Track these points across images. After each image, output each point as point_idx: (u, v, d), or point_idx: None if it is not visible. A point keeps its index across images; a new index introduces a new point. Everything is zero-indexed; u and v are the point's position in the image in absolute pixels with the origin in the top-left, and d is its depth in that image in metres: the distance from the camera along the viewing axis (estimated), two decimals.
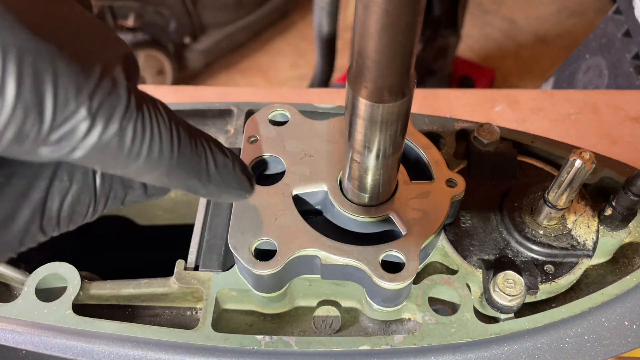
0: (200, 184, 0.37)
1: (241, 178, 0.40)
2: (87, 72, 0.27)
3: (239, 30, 2.56)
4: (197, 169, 0.35)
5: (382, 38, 0.33)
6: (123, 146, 0.29)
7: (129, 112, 0.29)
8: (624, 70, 1.30)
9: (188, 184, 0.36)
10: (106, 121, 0.28)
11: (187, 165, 0.34)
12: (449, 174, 0.54)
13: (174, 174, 0.34)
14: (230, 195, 0.41)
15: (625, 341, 0.55)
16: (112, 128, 0.28)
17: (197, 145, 0.35)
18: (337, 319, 0.56)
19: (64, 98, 0.26)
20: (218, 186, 0.38)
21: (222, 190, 0.39)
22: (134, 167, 0.31)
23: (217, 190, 0.39)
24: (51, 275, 0.56)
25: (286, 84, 2.64)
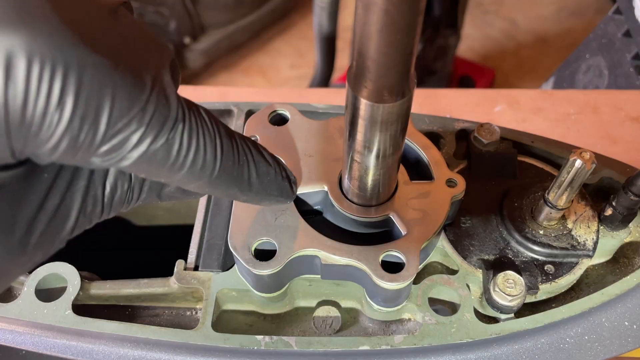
0: (241, 193, 0.37)
1: (282, 185, 0.41)
2: (140, 85, 0.28)
3: (239, 30, 2.56)
4: (239, 178, 0.36)
5: (382, 38, 0.32)
6: (169, 157, 0.30)
7: (177, 123, 0.30)
8: (624, 70, 1.30)
9: (228, 192, 0.36)
10: (156, 132, 0.29)
11: (228, 175, 0.35)
12: (449, 174, 0.54)
13: (216, 184, 0.34)
14: (271, 201, 0.41)
15: (625, 341, 0.55)
16: (161, 139, 0.29)
17: (239, 154, 0.35)
18: (337, 319, 0.56)
19: (118, 112, 0.27)
20: (258, 194, 0.38)
21: (262, 197, 0.39)
22: (177, 177, 0.32)
23: (257, 197, 0.39)
24: (51, 275, 0.56)
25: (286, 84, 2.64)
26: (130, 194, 0.36)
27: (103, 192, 0.34)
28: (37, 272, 0.56)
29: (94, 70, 0.26)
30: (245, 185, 0.37)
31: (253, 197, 0.38)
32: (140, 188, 0.36)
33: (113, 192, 0.34)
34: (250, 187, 0.37)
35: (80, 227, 0.33)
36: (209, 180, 0.33)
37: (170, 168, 0.31)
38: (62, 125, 0.25)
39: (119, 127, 0.27)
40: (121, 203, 0.35)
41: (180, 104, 0.30)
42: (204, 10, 2.42)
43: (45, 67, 0.24)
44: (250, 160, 0.37)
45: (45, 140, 0.26)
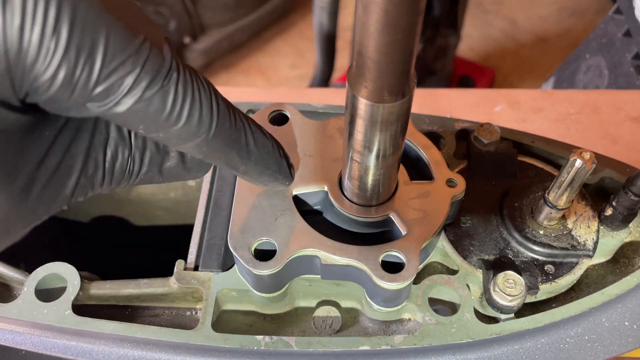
0: (239, 159, 0.37)
1: (280, 162, 0.41)
2: (133, 31, 0.29)
3: (239, 30, 2.56)
4: (237, 142, 0.36)
5: (382, 38, 0.32)
6: (164, 106, 0.30)
7: (172, 72, 0.30)
8: (624, 70, 1.30)
9: (227, 157, 0.36)
10: (151, 77, 0.29)
11: (226, 136, 0.35)
12: (449, 174, 0.54)
13: (213, 144, 0.35)
14: (270, 178, 0.41)
15: (625, 341, 0.55)
16: (155, 85, 0.29)
17: (236, 119, 0.36)
18: (337, 319, 0.56)
19: (112, 50, 0.28)
20: (257, 164, 0.39)
21: (261, 170, 0.40)
22: (174, 131, 0.32)
23: (256, 169, 0.39)
24: (51, 275, 0.56)
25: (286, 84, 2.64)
26: (131, 164, 0.36)
27: (104, 158, 0.34)
28: (37, 272, 0.56)
29: (88, 5, 0.27)
30: (244, 152, 0.37)
31: (252, 167, 0.39)
32: (140, 158, 0.37)
33: (114, 159, 0.35)
34: (249, 154, 0.38)
35: (82, 190, 0.34)
36: (206, 139, 0.34)
37: (167, 120, 0.31)
38: (59, 55, 0.26)
39: (113, 65, 0.28)
40: (122, 172, 0.36)
41: (175, 59, 0.31)
42: (204, 10, 2.42)
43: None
44: (247, 128, 0.37)
45: (42, 70, 0.26)
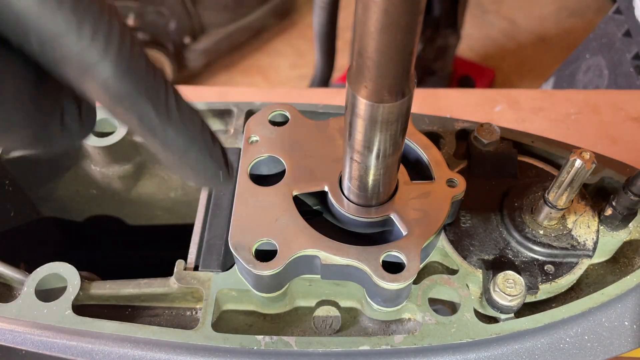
0: (157, 117, 0.31)
1: (212, 144, 0.35)
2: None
3: (239, 30, 2.56)
4: (153, 93, 0.31)
5: (382, 38, 0.32)
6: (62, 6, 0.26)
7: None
8: (624, 70, 1.30)
9: (142, 108, 0.31)
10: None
11: (140, 79, 0.30)
12: (450, 174, 0.54)
13: (124, 83, 0.29)
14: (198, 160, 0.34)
15: (625, 341, 0.55)
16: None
17: (155, 72, 0.31)
18: (337, 319, 0.56)
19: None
20: (180, 133, 0.32)
21: (187, 145, 0.33)
22: (75, 50, 0.27)
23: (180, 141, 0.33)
24: (51, 275, 0.56)
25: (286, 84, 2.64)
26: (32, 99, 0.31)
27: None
28: (38, 272, 0.56)
29: None
30: (163, 109, 0.31)
31: (174, 135, 0.32)
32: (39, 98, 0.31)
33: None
34: (169, 113, 0.32)
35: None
36: (114, 72, 0.29)
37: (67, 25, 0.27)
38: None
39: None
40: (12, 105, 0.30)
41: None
42: (204, 10, 2.42)
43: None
44: (169, 88, 0.32)
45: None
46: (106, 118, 0.68)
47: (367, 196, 0.50)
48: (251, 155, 0.56)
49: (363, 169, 0.46)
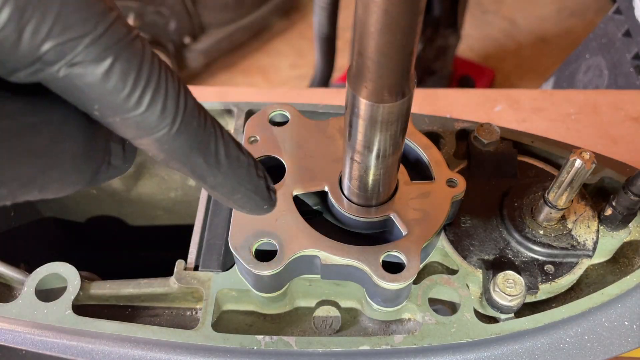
0: (207, 168, 0.34)
1: (257, 181, 0.37)
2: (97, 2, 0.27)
3: (239, 30, 2.56)
4: (204, 146, 0.33)
5: (382, 38, 0.32)
6: (125, 84, 0.28)
7: (136, 46, 0.28)
8: (624, 70, 1.30)
9: (192, 162, 0.33)
10: (110, 42, 0.27)
11: (191, 136, 0.32)
12: (450, 174, 0.54)
13: (177, 143, 0.31)
14: (244, 198, 0.37)
15: (625, 341, 0.55)
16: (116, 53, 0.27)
17: (206, 122, 0.33)
18: (337, 319, 0.56)
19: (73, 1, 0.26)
20: (227, 178, 0.35)
21: (234, 187, 0.36)
22: (133, 118, 0.29)
23: (228, 184, 0.36)
24: (51, 275, 0.56)
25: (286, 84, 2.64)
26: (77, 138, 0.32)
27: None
28: (38, 272, 0.56)
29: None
30: (213, 160, 0.34)
31: (222, 181, 0.35)
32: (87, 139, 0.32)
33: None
34: (218, 164, 0.34)
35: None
36: (168, 133, 0.30)
37: (125, 101, 0.28)
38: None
39: (71, 20, 0.26)
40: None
41: (142, 41, 0.29)
42: (204, 10, 2.42)
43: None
44: (219, 135, 0.34)
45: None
46: None
47: (367, 196, 0.50)
48: None
49: (363, 169, 0.46)
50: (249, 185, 0.37)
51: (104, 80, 0.28)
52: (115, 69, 0.28)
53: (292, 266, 0.50)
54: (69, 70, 0.27)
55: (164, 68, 0.30)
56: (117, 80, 0.28)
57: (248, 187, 0.37)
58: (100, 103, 0.29)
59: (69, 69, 0.27)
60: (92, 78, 0.27)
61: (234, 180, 0.36)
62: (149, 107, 0.29)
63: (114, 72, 0.28)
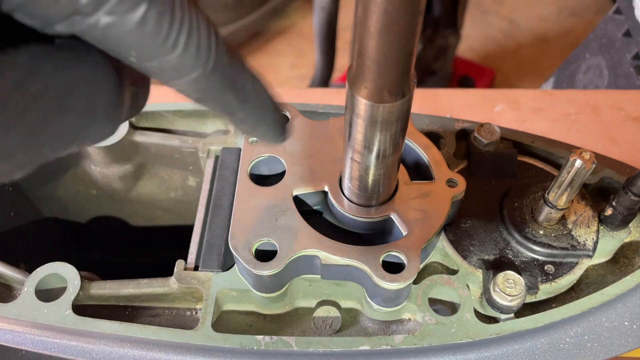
0: (237, 102, 0.35)
1: (277, 110, 0.39)
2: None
3: (239, 30, 2.56)
4: (235, 82, 0.34)
5: (382, 38, 0.32)
6: (161, 28, 0.28)
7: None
8: (624, 70, 1.30)
9: (224, 98, 0.34)
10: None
11: (224, 73, 0.33)
12: (450, 174, 0.54)
13: (211, 81, 0.32)
14: (268, 128, 0.39)
15: (625, 341, 0.55)
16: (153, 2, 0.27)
17: (235, 59, 0.34)
18: (337, 319, 0.56)
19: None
20: (254, 110, 0.36)
21: (259, 119, 0.38)
22: (170, 61, 0.30)
23: (254, 116, 0.37)
24: (51, 275, 0.56)
25: (286, 84, 2.64)
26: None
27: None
28: (38, 272, 0.56)
29: None
30: (242, 94, 0.35)
31: (250, 113, 0.37)
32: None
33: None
34: (247, 97, 0.35)
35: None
36: (203, 72, 0.31)
37: (163, 45, 0.29)
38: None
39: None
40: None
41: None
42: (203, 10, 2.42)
43: None
44: (245, 69, 0.35)
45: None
46: None
47: (367, 196, 0.50)
48: (251, 155, 0.56)
49: (363, 169, 0.46)
50: (271, 115, 0.39)
51: (140, 27, 0.28)
52: (150, 14, 0.27)
53: (292, 266, 0.50)
54: (107, 19, 0.27)
55: (193, 7, 0.30)
56: (154, 24, 0.28)
57: (271, 117, 0.39)
58: (138, 49, 0.29)
59: (107, 18, 0.27)
60: (129, 25, 0.27)
61: (260, 112, 0.37)
62: (185, 48, 0.30)
63: (150, 17, 0.28)
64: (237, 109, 0.36)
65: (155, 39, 0.28)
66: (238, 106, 0.35)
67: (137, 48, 0.29)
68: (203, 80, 0.32)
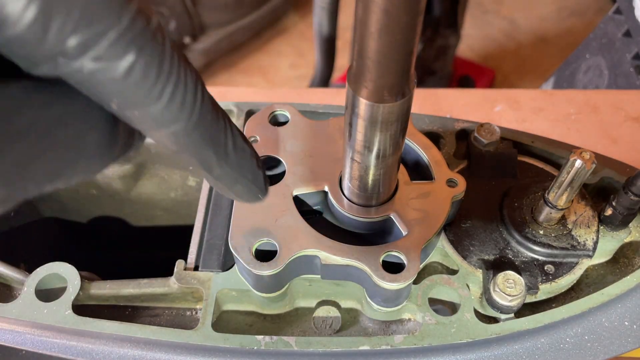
0: (216, 160, 0.34)
1: (257, 172, 0.38)
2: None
3: (239, 30, 2.56)
4: (216, 139, 0.34)
5: (382, 38, 0.32)
6: (147, 78, 0.28)
7: (158, 40, 0.28)
8: (624, 70, 1.30)
9: (203, 154, 0.33)
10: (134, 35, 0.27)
11: (206, 129, 0.32)
12: (450, 174, 0.54)
13: (192, 135, 0.32)
14: (244, 188, 0.38)
15: (625, 341, 0.55)
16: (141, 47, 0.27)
17: (218, 116, 0.33)
18: (337, 319, 0.56)
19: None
20: (233, 170, 0.36)
21: (236, 178, 0.37)
22: (152, 112, 0.29)
23: (232, 175, 0.36)
24: (51, 275, 0.56)
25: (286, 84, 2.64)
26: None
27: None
28: (38, 272, 0.56)
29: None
30: (222, 152, 0.34)
31: (227, 172, 0.36)
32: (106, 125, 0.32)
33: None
34: (226, 156, 0.35)
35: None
36: (185, 127, 0.31)
37: (147, 95, 0.28)
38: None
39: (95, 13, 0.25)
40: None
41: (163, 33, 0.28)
42: (204, 10, 2.42)
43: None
44: (228, 128, 0.35)
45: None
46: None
47: (367, 196, 0.50)
48: None
49: (363, 169, 0.46)
50: (250, 175, 0.38)
51: (126, 75, 0.27)
52: (138, 64, 0.27)
53: (292, 266, 0.50)
54: (92, 65, 0.26)
55: (182, 60, 0.30)
56: (140, 74, 0.27)
57: (249, 177, 0.38)
58: (120, 97, 0.28)
59: (93, 64, 0.26)
60: (115, 73, 0.27)
61: (237, 171, 0.37)
62: (169, 101, 0.29)
63: (137, 67, 0.27)
64: (215, 166, 0.35)
65: (140, 88, 0.28)
66: (216, 164, 0.35)
67: (120, 96, 0.28)
68: (183, 134, 0.31)
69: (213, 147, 0.34)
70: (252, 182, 0.38)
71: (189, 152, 0.33)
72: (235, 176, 0.37)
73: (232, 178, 0.37)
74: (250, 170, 0.38)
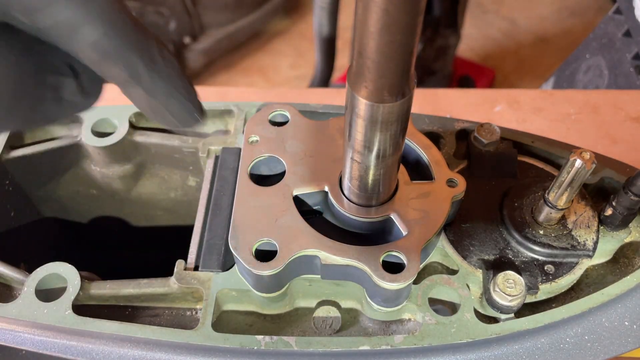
0: (143, 64, 0.34)
1: (189, 88, 0.38)
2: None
3: (239, 30, 2.56)
4: (141, 45, 0.33)
5: (382, 38, 0.32)
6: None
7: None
8: (624, 70, 1.30)
9: (130, 60, 0.33)
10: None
11: (129, 33, 0.33)
12: (450, 174, 0.54)
13: (116, 38, 0.32)
14: (180, 105, 0.37)
15: (625, 341, 0.55)
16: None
17: (140, 26, 0.34)
18: (337, 319, 0.56)
19: None
20: (163, 80, 0.35)
21: (170, 91, 0.36)
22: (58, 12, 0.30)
23: (164, 87, 0.36)
24: (51, 276, 0.56)
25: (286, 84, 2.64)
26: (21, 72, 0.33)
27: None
28: (38, 272, 0.56)
29: None
30: (148, 59, 0.34)
31: (159, 84, 0.35)
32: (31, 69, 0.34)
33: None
34: (154, 61, 0.34)
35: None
36: (107, 25, 0.31)
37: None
38: None
39: None
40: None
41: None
42: (204, 10, 2.42)
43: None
44: (152, 39, 0.35)
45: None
46: (106, 118, 0.68)
47: (367, 196, 0.50)
48: (251, 155, 0.56)
49: (363, 169, 0.46)
50: (184, 89, 0.37)
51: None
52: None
53: (292, 266, 0.50)
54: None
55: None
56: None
57: (181, 91, 0.37)
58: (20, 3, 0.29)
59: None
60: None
61: (169, 82, 0.36)
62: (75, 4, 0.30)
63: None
64: (144, 74, 0.34)
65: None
66: (145, 71, 0.34)
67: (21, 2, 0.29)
68: (106, 36, 0.32)
69: (138, 52, 0.34)
70: (187, 99, 0.38)
71: (115, 59, 0.33)
72: (168, 89, 0.36)
73: (165, 91, 0.36)
74: (182, 85, 0.37)
